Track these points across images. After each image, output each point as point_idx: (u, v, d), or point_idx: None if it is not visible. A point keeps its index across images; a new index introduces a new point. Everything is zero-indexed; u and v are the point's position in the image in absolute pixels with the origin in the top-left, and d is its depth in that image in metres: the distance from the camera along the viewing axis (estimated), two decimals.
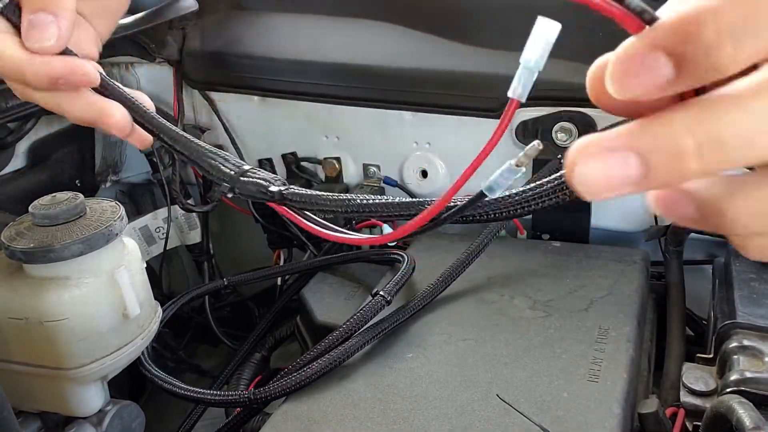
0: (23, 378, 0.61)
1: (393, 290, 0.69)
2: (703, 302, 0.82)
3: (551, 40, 0.26)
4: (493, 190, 0.31)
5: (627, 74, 0.21)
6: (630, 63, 0.21)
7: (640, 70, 0.21)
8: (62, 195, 0.62)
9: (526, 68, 0.28)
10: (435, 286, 0.72)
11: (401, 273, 0.72)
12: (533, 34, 0.27)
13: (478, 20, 0.88)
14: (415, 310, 0.69)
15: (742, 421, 0.48)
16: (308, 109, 0.96)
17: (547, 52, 0.27)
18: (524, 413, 0.55)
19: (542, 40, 0.27)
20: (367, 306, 0.67)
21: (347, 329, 0.65)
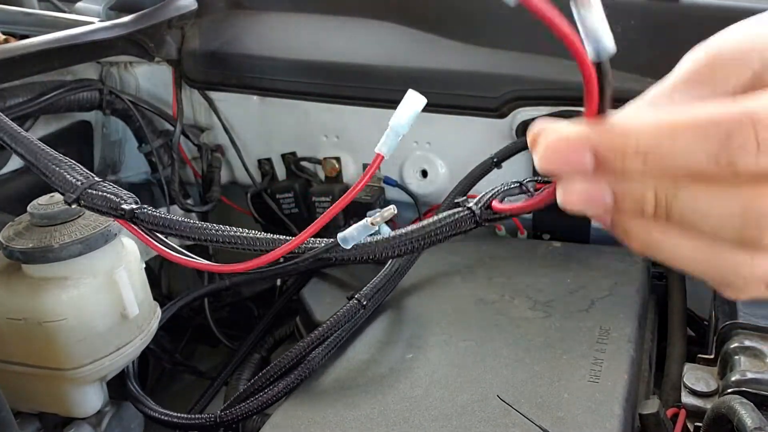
0: (22, 378, 0.61)
1: (370, 294, 0.69)
2: (704, 302, 0.82)
3: (418, 110, 0.31)
4: (347, 241, 0.35)
5: (553, 159, 0.27)
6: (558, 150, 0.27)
7: (564, 159, 0.26)
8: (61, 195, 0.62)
9: (393, 131, 0.32)
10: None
11: (381, 276, 0.71)
12: (402, 104, 0.31)
13: (478, 20, 0.88)
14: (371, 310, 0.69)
15: (743, 421, 0.48)
16: (308, 108, 0.96)
17: (412, 120, 0.31)
18: (525, 414, 0.55)
19: (410, 110, 0.31)
20: (341, 311, 0.67)
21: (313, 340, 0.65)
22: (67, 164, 0.46)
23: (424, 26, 0.91)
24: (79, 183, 0.44)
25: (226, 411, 0.62)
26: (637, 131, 0.25)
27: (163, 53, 0.96)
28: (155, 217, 0.42)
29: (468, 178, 0.81)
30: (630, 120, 0.26)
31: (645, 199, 0.26)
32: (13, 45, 0.80)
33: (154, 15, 0.92)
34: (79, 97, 0.89)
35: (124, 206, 0.42)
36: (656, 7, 0.77)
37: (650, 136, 0.25)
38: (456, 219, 0.37)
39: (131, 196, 0.44)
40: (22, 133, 0.46)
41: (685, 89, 0.28)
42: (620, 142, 0.25)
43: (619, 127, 0.26)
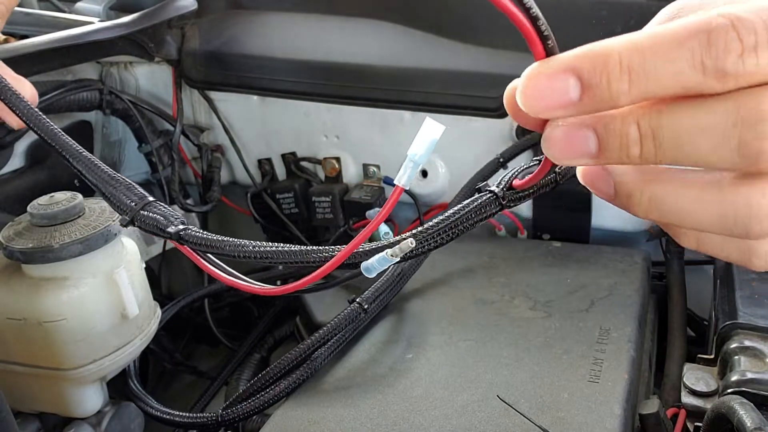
0: (22, 379, 0.61)
1: (371, 298, 0.69)
2: (705, 302, 0.82)
3: (436, 138, 0.30)
4: (369, 271, 0.35)
5: (536, 94, 0.26)
6: (540, 81, 0.26)
7: (548, 90, 0.26)
8: (61, 195, 0.62)
9: (411, 161, 0.32)
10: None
11: (383, 280, 0.71)
12: (420, 133, 0.31)
13: (478, 20, 0.88)
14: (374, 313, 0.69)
15: (743, 421, 0.48)
16: (308, 108, 0.96)
17: (431, 150, 0.31)
18: (525, 414, 0.55)
19: (427, 139, 0.31)
20: (342, 315, 0.66)
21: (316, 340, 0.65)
22: (123, 185, 0.47)
23: (424, 26, 0.91)
24: (133, 204, 0.45)
25: (227, 410, 0.63)
26: (620, 47, 0.25)
27: (163, 53, 0.96)
28: (199, 237, 0.43)
29: (474, 178, 0.80)
30: (609, 41, 0.25)
31: (629, 135, 0.26)
32: (13, 45, 0.80)
33: (154, 15, 0.92)
34: (79, 97, 0.89)
35: (170, 229, 0.43)
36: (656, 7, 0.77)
37: (633, 50, 0.24)
38: (480, 204, 0.36)
39: (178, 217, 0.44)
40: (84, 153, 0.48)
41: None
42: (602, 60, 0.25)
43: (601, 46, 0.25)
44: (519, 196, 0.36)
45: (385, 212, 0.32)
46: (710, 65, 0.23)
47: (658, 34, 0.24)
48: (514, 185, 0.36)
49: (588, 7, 0.81)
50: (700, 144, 0.24)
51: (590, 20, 0.80)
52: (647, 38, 0.24)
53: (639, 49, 0.24)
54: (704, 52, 0.23)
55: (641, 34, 0.25)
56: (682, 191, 0.26)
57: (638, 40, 0.24)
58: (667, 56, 0.24)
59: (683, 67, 0.24)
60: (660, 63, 0.24)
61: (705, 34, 0.23)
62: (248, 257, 0.41)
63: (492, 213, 0.36)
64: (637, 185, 0.27)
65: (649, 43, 0.24)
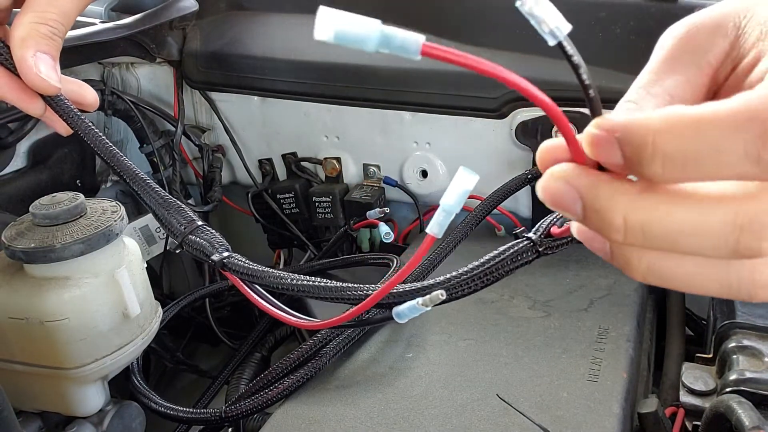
0: (24, 378, 0.61)
1: None
2: (703, 302, 0.82)
3: (469, 189, 0.30)
4: (401, 317, 0.36)
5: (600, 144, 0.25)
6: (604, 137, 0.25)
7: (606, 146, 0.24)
8: (63, 195, 0.62)
9: (444, 210, 0.31)
10: None
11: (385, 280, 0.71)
12: (454, 183, 0.30)
13: (478, 21, 0.88)
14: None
15: (741, 420, 0.48)
16: (308, 109, 0.97)
17: (464, 199, 0.30)
18: (524, 413, 0.55)
19: (461, 189, 0.30)
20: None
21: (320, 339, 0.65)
22: (174, 208, 0.48)
23: (424, 27, 0.91)
24: (182, 228, 0.45)
25: (230, 407, 0.63)
26: (655, 128, 0.23)
27: (165, 54, 0.97)
28: (242, 266, 0.43)
29: (500, 191, 0.79)
30: (641, 118, 0.24)
31: (612, 224, 0.25)
32: None
33: (156, 16, 0.92)
34: None
35: (214, 257, 0.44)
36: (655, 8, 0.77)
37: (670, 134, 0.23)
38: (516, 251, 0.36)
39: (223, 244, 0.45)
40: (140, 175, 0.50)
41: (670, 68, 0.28)
42: (639, 140, 0.23)
43: (636, 123, 0.23)
44: (557, 244, 0.36)
45: (417, 259, 0.32)
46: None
47: (704, 119, 0.22)
48: (552, 233, 0.36)
49: (587, 9, 0.81)
50: (695, 242, 0.24)
51: (589, 21, 0.80)
52: (691, 122, 0.22)
53: (679, 134, 0.23)
54: (761, 144, 0.22)
55: (684, 115, 0.23)
56: (682, 261, 0.25)
57: (679, 122, 0.23)
58: (714, 145, 0.22)
59: (733, 156, 0.22)
60: (705, 150, 0.22)
61: (761, 123, 0.21)
62: (286, 289, 0.42)
63: (528, 261, 0.36)
64: (634, 252, 0.26)
65: (692, 127, 0.22)
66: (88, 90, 0.55)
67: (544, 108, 0.26)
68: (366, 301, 0.37)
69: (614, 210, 0.25)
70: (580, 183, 0.25)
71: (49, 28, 0.47)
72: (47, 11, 0.47)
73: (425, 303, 0.34)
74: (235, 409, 0.63)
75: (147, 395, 0.70)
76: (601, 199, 0.25)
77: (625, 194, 0.25)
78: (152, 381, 0.99)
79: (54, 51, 0.47)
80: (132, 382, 0.71)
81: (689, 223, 0.24)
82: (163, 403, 0.69)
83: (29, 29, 0.46)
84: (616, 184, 0.25)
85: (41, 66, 0.46)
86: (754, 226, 0.23)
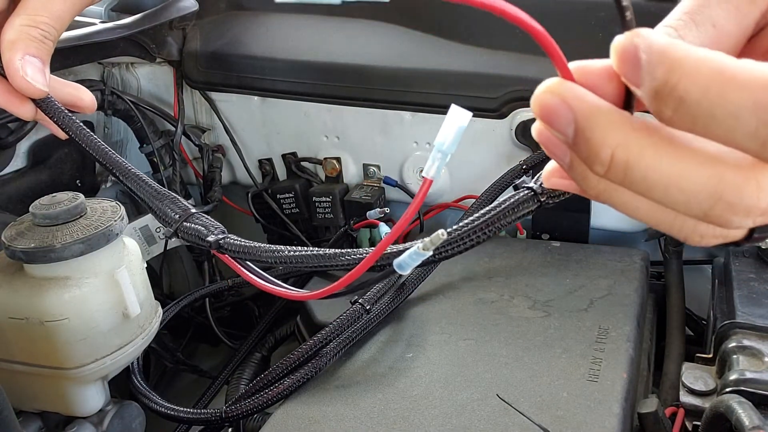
0: (24, 378, 0.61)
1: (373, 298, 0.69)
2: (703, 302, 0.82)
3: (463, 126, 0.29)
4: (402, 268, 0.34)
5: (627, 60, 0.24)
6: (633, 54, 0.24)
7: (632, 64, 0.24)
8: (63, 195, 0.62)
9: (439, 151, 0.30)
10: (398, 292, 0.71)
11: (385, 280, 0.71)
12: (446, 121, 0.29)
13: (478, 20, 0.88)
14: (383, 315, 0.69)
15: (741, 420, 0.48)
16: (308, 109, 0.97)
17: (458, 137, 0.29)
18: (524, 413, 0.55)
19: (455, 127, 0.29)
20: (344, 315, 0.67)
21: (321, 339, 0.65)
22: (168, 198, 0.48)
23: (424, 26, 0.91)
24: (177, 216, 0.46)
25: (230, 407, 0.63)
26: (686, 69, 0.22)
27: (165, 54, 0.97)
28: (237, 245, 0.44)
29: (496, 183, 0.79)
30: (677, 51, 0.22)
31: (598, 156, 0.24)
32: None
33: (156, 16, 0.92)
34: None
35: (209, 238, 0.44)
36: (655, 8, 0.77)
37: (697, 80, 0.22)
38: (517, 200, 0.36)
39: (218, 227, 0.45)
40: (132, 170, 0.50)
41: None
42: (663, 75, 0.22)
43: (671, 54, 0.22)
44: (557, 194, 0.35)
45: (416, 205, 0.30)
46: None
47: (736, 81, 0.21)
48: None
49: (586, 9, 0.81)
50: (671, 195, 0.24)
51: (589, 21, 0.80)
52: (723, 80, 0.21)
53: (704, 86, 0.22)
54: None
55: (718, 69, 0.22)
56: (638, 202, 0.25)
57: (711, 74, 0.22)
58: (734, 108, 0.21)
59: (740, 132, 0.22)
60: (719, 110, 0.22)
61: None
62: (283, 262, 0.42)
63: (530, 210, 0.35)
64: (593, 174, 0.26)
65: (720, 85, 0.21)
66: (84, 92, 0.55)
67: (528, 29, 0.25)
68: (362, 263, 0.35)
69: (604, 143, 0.24)
70: (579, 106, 0.24)
71: (40, 32, 0.47)
72: (39, 14, 0.47)
73: (426, 246, 0.32)
74: (235, 409, 0.63)
75: (147, 395, 0.70)
76: (595, 128, 0.24)
77: (620, 130, 0.24)
78: (152, 381, 0.99)
79: (43, 54, 0.47)
80: (132, 382, 0.71)
81: (672, 176, 0.23)
82: (163, 403, 0.69)
83: (19, 32, 0.46)
84: (615, 115, 0.24)
85: (28, 69, 0.46)
86: (731, 198, 0.23)
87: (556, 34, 0.26)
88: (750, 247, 0.74)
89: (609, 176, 0.24)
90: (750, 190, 0.23)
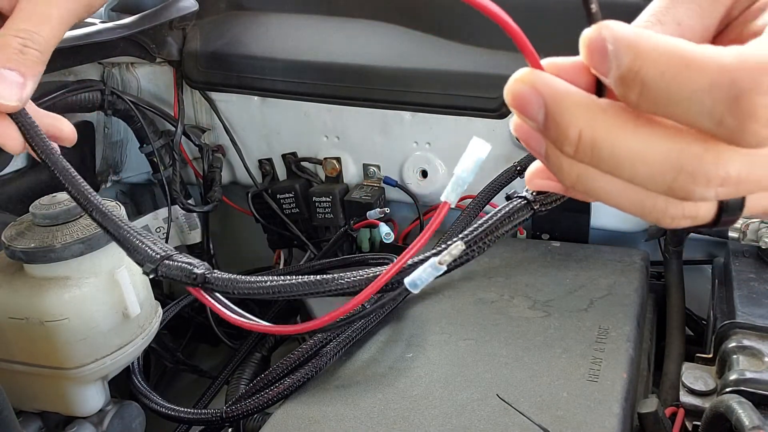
0: (24, 378, 0.62)
1: (373, 298, 0.69)
2: (703, 302, 0.82)
3: (482, 158, 0.30)
4: (416, 285, 0.32)
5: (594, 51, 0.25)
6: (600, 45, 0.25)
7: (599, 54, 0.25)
8: (63, 195, 0.62)
9: (459, 179, 0.31)
10: None
11: None
12: (467, 152, 0.30)
13: (478, 20, 0.88)
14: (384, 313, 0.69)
15: (741, 420, 0.48)
16: (308, 109, 0.97)
17: (477, 168, 0.31)
18: (524, 413, 0.55)
19: (474, 158, 0.30)
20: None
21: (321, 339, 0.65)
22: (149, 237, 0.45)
23: (424, 26, 0.91)
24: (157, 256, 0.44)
25: (231, 407, 0.63)
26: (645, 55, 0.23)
27: (165, 54, 0.97)
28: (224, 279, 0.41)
29: (491, 186, 0.79)
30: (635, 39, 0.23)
31: (567, 136, 0.25)
32: None
33: (156, 16, 0.92)
34: (81, 98, 0.89)
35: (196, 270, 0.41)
36: None
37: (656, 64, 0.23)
38: (511, 210, 0.36)
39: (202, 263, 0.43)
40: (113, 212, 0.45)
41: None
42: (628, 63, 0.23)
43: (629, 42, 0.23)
44: (550, 200, 0.35)
45: (433, 229, 0.31)
46: (731, 126, 0.22)
47: (691, 64, 0.22)
48: None
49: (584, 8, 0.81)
50: (637, 170, 0.24)
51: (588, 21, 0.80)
52: (679, 63, 0.22)
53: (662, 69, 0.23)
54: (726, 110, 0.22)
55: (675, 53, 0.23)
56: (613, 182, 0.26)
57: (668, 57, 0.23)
58: (686, 90, 0.22)
59: (697, 112, 0.23)
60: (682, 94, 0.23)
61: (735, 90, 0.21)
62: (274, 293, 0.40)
63: (525, 219, 0.36)
64: (568, 160, 0.26)
65: (677, 68, 0.22)
66: (64, 123, 0.52)
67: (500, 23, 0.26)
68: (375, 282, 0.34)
69: (572, 123, 0.25)
70: (547, 91, 0.26)
71: (20, 41, 0.45)
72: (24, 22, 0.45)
73: (443, 261, 0.31)
74: (235, 409, 0.63)
75: (147, 395, 0.70)
76: (563, 109, 0.25)
77: (587, 110, 0.25)
78: (152, 381, 0.99)
79: (22, 66, 0.45)
80: (132, 382, 0.71)
81: (638, 151, 0.24)
82: (163, 403, 0.69)
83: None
84: (581, 98, 0.25)
85: None
86: (692, 167, 0.24)
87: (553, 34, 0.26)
88: (750, 247, 0.74)
89: (578, 156, 0.25)
90: (708, 158, 0.24)
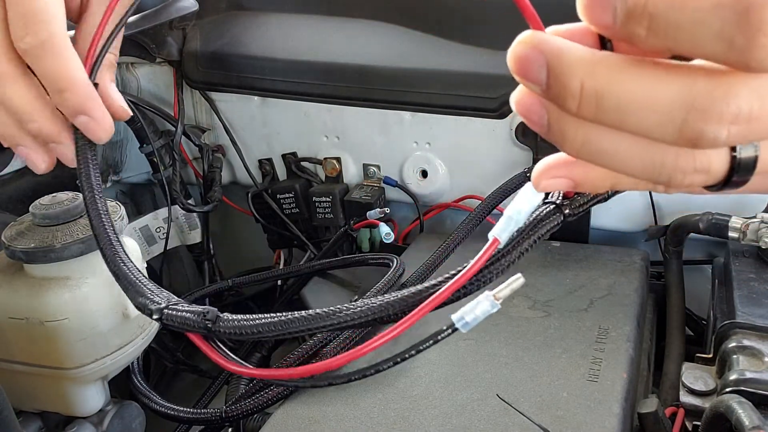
0: (24, 378, 0.62)
1: None
2: (703, 302, 0.82)
3: (535, 204, 0.30)
4: (468, 325, 0.32)
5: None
6: None
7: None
8: (63, 195, 0.62)
9: (512, 219, 0.31)
10: None
11: (385, 281, 0.71)
12: (522, 194, 0.30)
13: (478, 20, 0.88)
14: None
15: (741, 420, 0.48)
16: (308, 109, 0.97)
17: (530, 212, 0.31)
18: (524, 413, 0.55)
19: (529, 204, 0.30)
20: None
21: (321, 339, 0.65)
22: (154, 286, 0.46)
23: (424, 26, 0.91)
24: (162, 305, 0.44)
25: (231, 407, 0.63)
26: None
27: (165, 54, 0.97)
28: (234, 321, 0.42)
29: (499, 190, 0.78)
30: None
31: (567, 88, 0.25)
32: None
33: (156, 16, 0.92)
34: None
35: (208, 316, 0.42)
36: None
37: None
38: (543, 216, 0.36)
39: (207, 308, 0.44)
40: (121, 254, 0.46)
41: None
42: None
43: None
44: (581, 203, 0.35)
45: (481, 263, 0.31)
46: (740, 44, 0.21)
47: None
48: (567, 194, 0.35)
49: None
50: (645, 117, 0.24)
51: None
52: None
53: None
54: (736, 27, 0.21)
55: None
56: (620, 139, 0.25)
57: None
58: (695, 17, 0.22)
59: (706, 36, 0.22)
60: (684, 17, 0.22)
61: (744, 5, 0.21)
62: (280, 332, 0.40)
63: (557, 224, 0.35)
64: (571, 125, 0.26)
65: None
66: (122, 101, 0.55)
67: None
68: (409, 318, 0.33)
69: (572, 74, 0.24)
70: (547, 48, 0.25)
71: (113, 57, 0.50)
72: None
73: (499, 295, 0.31)
74: (235, 409, 0.63)
75: (147, 395, 0.70)
76: (564, 63, 0.24)
77: (589, 61, 0.24)
78: (152, 381, 0.99)
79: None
80: (132, 382, 0.71)
81: (642, 96, 0.23)
82: (163, 403, 0.69)
83: None
84: (582, 50, 0.25)
85: None
86: (703, 103, 0.23)
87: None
88: (750, 247, 0.74)
89: (582, 111, 0.25)
90: (718, 93, 0.23)
